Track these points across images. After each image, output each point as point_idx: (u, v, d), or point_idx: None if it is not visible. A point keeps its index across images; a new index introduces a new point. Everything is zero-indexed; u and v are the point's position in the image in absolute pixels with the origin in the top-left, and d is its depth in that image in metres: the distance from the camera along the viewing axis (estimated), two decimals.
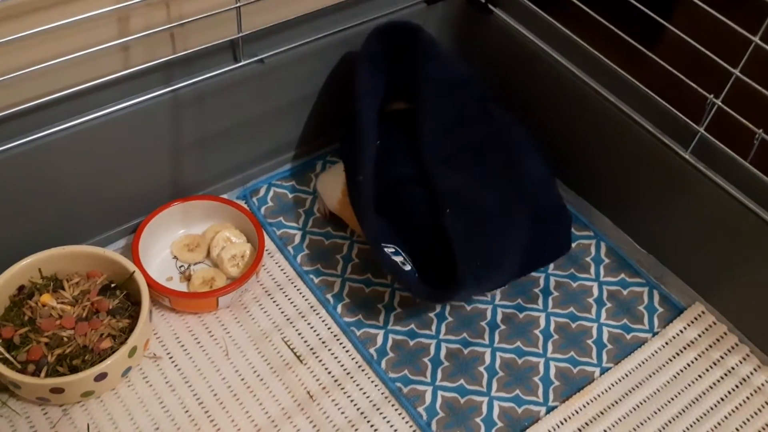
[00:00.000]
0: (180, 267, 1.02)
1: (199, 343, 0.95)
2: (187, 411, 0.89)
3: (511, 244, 0.94)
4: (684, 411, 0.93)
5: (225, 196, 1.10)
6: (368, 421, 0.90)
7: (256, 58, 0.98)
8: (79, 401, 0.88)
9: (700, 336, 1.00)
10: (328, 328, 0.98)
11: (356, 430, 0.89)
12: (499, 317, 1.01)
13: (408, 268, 0.94)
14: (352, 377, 0.94)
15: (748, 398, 0.95)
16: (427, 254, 0.96)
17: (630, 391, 0.94)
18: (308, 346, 0.96)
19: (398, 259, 0.95)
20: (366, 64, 1.00)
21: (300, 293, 1.02)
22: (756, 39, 0.81)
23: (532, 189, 0.98)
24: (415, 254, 0.97)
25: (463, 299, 1.02)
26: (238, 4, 0.91)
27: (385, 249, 0.94)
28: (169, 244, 1.04)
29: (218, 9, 0.90)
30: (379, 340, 0.97)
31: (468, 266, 0.89)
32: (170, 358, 0.93)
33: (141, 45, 0.89)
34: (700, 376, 0.96)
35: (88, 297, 0.91)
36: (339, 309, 1.00)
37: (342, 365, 0.95)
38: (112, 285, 0.93)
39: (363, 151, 0.95)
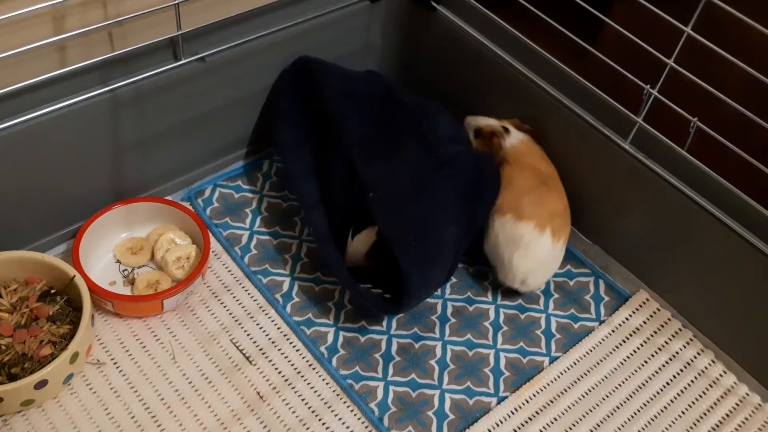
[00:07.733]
0: (123, 271, 1.00)
1: (144, 347, 0.93)
2: (133, 417, 0.86)
3: (439, 212, 0.95)
4: (632, 396, 0.94)
5: (169, 197, 1.08)
6: (320, 420, 0.89)
7: (196, 57, 0.97)
8: (19, 410, 0.85)
9: (645, 323, 1.02)
10: (278, 328, 0.97)
11: (308, 429, 0.88)
12: (449, 311, 1.01)
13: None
14: (302, 376, 0.93)
15: (692, 381, 0.97)
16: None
17: (579, 379, 0.95)
18: (257, 346, 0.95)
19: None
20: (281, 122, 1.09)
21: (248, 294, 1.00)
22: (687, 29, 0.84)
23: (445, 151, 1.00)
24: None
25: (419, 296, 0.97)
26: (176, 1, 0.89)
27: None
28: (112, 247, 1.01)
29: (157, 6, 0.89)
30: (330, 337, 0.97)
31: (403, 248, 0.90)
32: (114, 363, 0.91)
33: (78, 44, 0.87)
34: (646, 361, 0.98)
35: (26, 304, 0.88)
36: (288, 308, 0.99)
37: (292, 364, 0.94)
38: (52, 291, 0.91)
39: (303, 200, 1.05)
